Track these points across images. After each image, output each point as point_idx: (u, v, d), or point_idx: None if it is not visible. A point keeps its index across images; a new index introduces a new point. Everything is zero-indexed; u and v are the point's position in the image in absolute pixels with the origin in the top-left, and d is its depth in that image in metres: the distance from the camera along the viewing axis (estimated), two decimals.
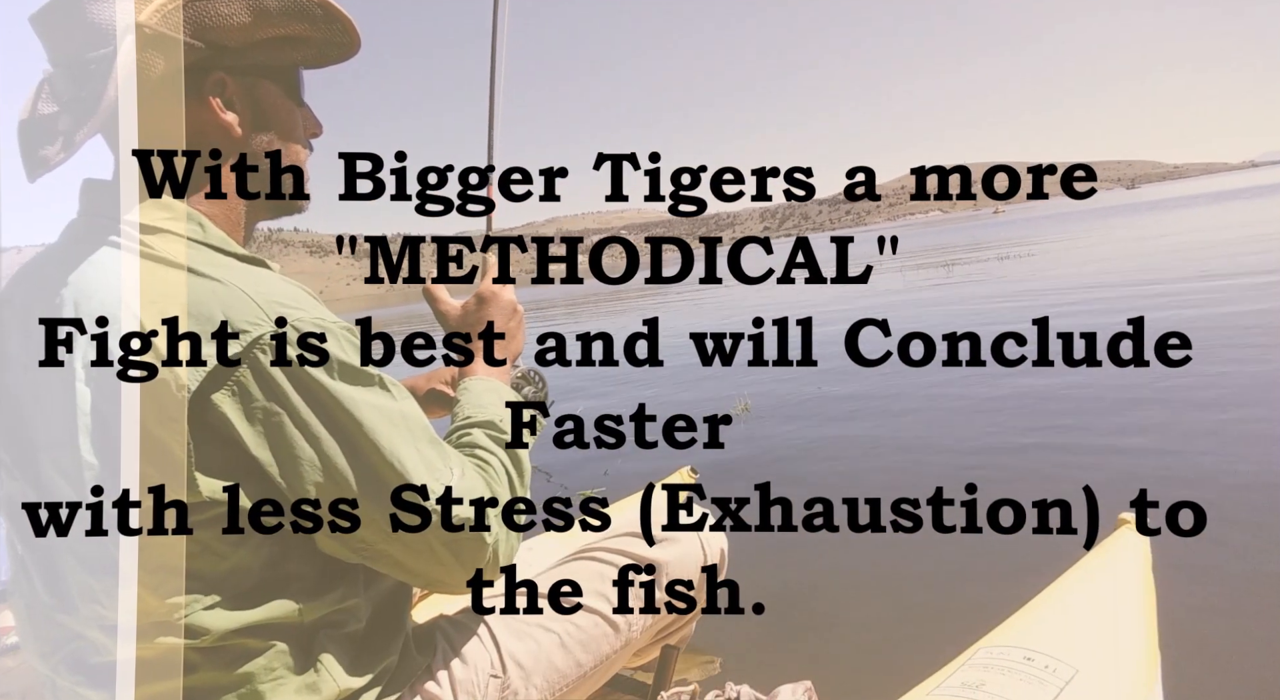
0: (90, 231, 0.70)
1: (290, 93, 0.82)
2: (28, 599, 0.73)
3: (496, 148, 1.12)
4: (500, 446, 0.84)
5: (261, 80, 0.78)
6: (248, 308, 0.65)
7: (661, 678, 1.18)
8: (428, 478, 0.71)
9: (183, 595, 0.65)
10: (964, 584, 1.99)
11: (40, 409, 0.67)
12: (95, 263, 0.67)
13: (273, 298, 0.67)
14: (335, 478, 0.68)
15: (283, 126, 0.81)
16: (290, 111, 0.82)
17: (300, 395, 0.66)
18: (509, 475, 0.82)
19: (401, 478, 0.69)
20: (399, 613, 0.84)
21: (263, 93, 0.79)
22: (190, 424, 0.63)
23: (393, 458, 0.69)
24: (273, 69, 0.79)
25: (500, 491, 0.79)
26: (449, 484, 0.72)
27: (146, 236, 0.67)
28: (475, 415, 0.87)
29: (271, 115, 0.80)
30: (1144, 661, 1.04)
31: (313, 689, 0.71)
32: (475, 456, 0.81)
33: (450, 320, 1.00)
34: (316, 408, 0.67)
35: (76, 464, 0.64)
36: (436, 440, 0.76)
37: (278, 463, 0.66)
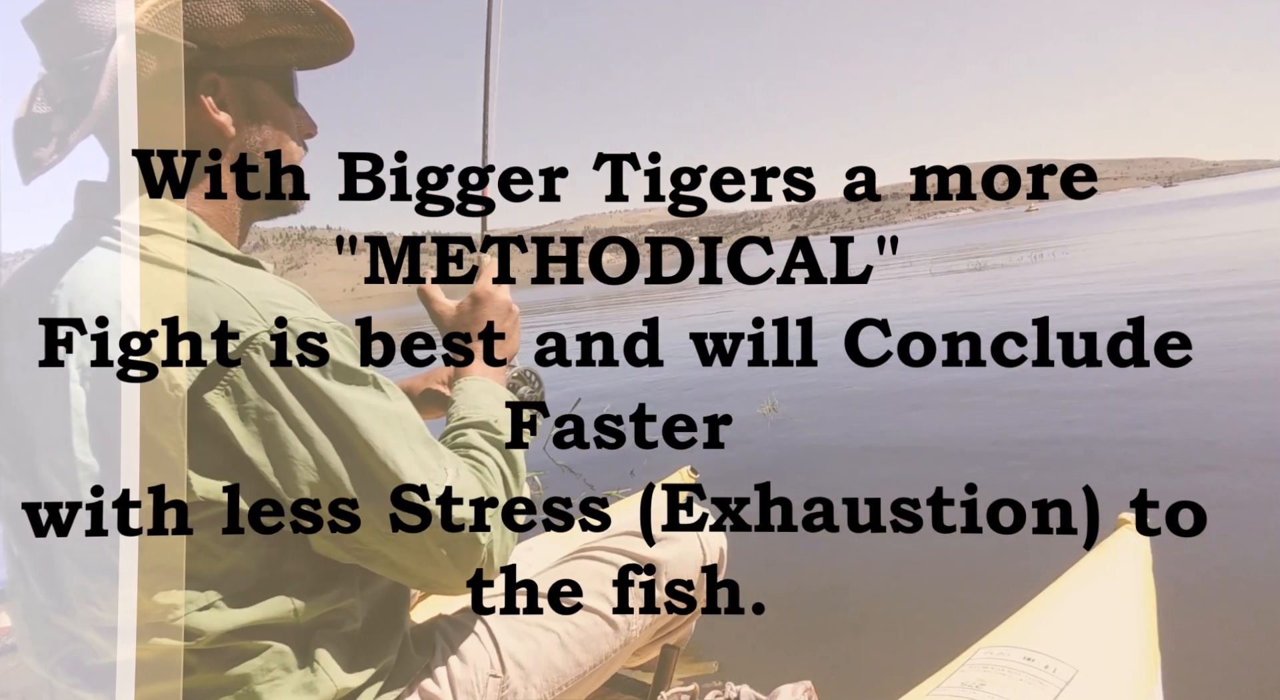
0: (85, 233, 0.70)
1: (284, 93, 0.82)
2: (25, 601, 0.73)
3: (493, 147, 1.11)
4: (496, 447, 0.84)
5: (255, 80, 0.78)
6: (242, 308, 0.65)
7: (661, 677, 1.18)
8: (423, 478, 0.71)
9: (180, 596, 0.65)
10: (964, 584, 1.99)
11: (37, 410, 0.67)
12: (90, 263, 0.68)
13: (266, 298, 0.67)
14: (329, 478, 0.67)
15: (276, 126, 0.81)
16: (284, 111, 0.82)
17: (294, 395, 0.66)
18: (504, 475, 0.82)
19: (396, 478, 0.69)
20: (396, 612, 0.84)
21: (256, 93, 0.79)
22: (186, 427, 0.63)
23: (386, 458, 0.69)
24: (266, 69, 0.79)
25: (496, 492, 0.79)
26: (444, 484, 0.72)
27: (141, 237, 0.68)
28: (470, 416, 0.86)
29: (265, 115, 0.80)
30: (1144, 661, 1.04)
31: (309, 689, 0.71)
32: (470, 457, 0.81)
33: (445, 321, 1.00)
34: (310, 407, 0.67)
35: (72, 465, 0.64)
36: (431, 440, 0.76)
37: (271, 463, 0.66)
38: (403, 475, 0.69)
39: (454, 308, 1.00)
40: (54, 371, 0.65)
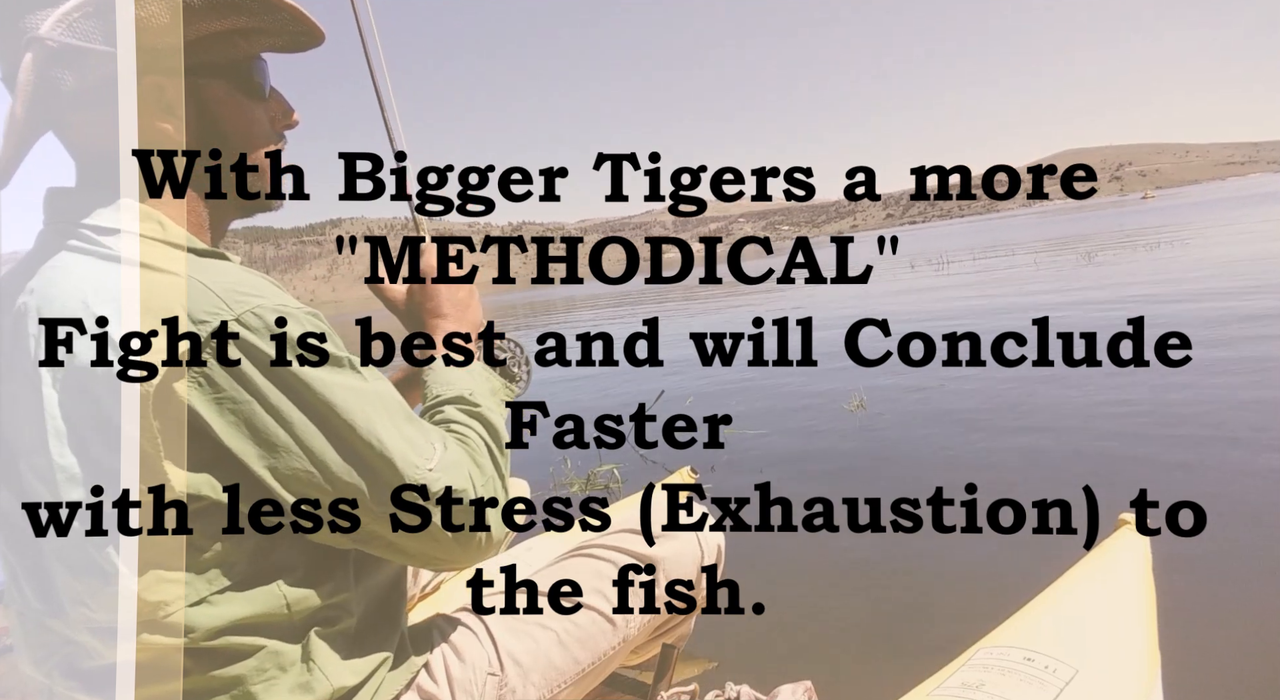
0: (52, 237, 0.70)
1: (245, 88, 0.79)
2: (20, 607, 0.72)
3: (399, 136, 1.06)
4: (475, 418, 0.83)
5: (207, 79, 0.76)
6: (206, 298, 0.64)
7: (661, 676, 1.18)
8: (411, 455, 0.70)
9: (170, 592, 0.65)
10: (964, 584, 1.99)
11: (16, 416, 0.67)
12: (54, 267, 0.68)
13: (232, 287, 0.66)
14: (314, 462, 0.67)
15: (235, 124, 0.79)
16: (243, 108, 0.79)
17: (268, 381, 0.65)
18: (487, 445, 0.81)
19: (383, 457, 0.68)
20: (393, 610, 0.83)
21: (208, 92, 0.76)
22: (158, 419, 0.62)
23: (371, 437, 0.68)
24: (219, 66, 0.76)
25: (483, 462, 0.78)
26: (433, 460, 0.71)
27: (106, 238, 0.67)
28: (444, 392, 0.86)
29: (220, 114, 0.77)
30: (1144, 662, 1.04)
31: (305, 688, 0.71)
32: (453, 431, 0.80)
33: (400, 309, 0.99)
34: (287, 392, 0.66)
35: (50, 467, 0.64)
36: (414, 418, 0.75)
37: (252, 451, 0.65)
38: (390, 454, 0.69)
39: (404, 292, 1.00)
40: (29, 376, 0.65)
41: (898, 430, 3.55)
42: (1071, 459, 2.81)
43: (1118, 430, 3.05)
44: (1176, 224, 19.13)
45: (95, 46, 0.67)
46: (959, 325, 6.36)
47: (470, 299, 0.99)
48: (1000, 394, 3.92)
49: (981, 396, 3.93)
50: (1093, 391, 3.69)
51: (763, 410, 4.33)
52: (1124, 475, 2.55)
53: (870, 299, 10.10)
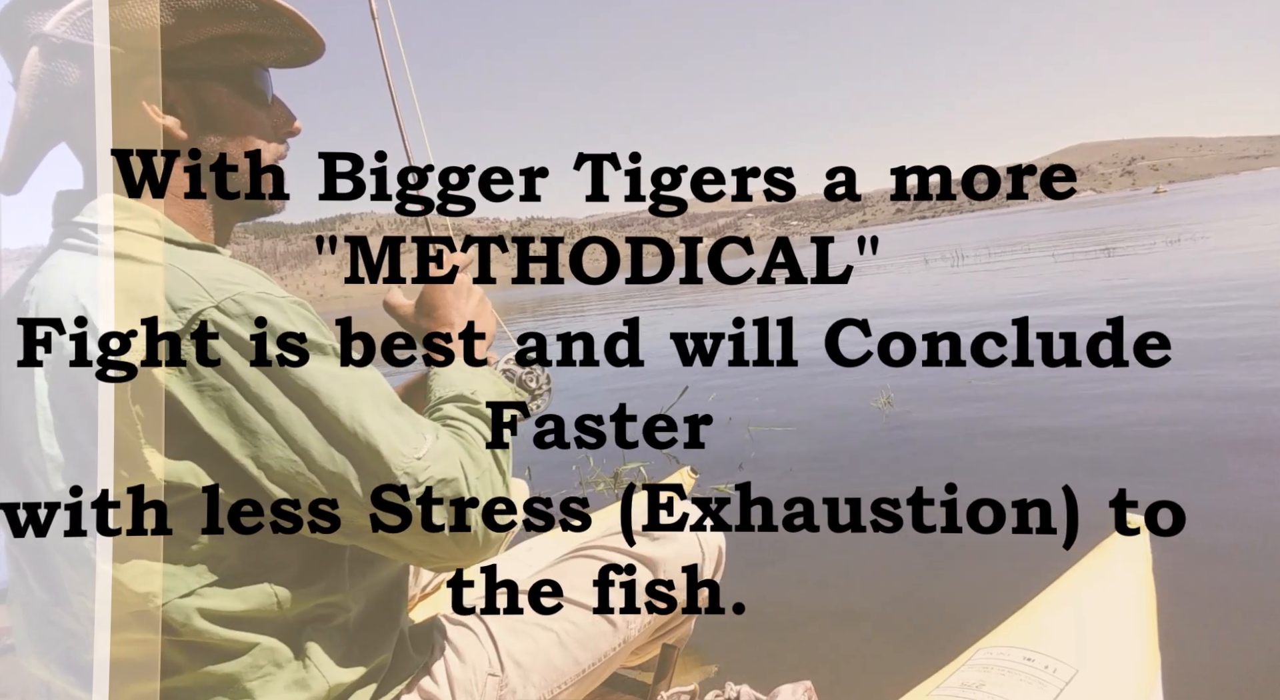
0: (56, 239, 0.72)
1: (246, 93, 0.80)
2: (24, 599, 0.73)
3: (415, 147, 1.08)
4: (474, 414, 0.81)
5: (208, 82, 0.76)
6: (187, 286, 0.64)
7: (661, 676, 1.18)
8: (398, 442, 0.69)
9: (158, 583, 0.64)
10: (964, 584, 1.99)
11: (17, 412, 0.68)
12: (52, 265, 0.69)
13: (215, 276, 0.66)
14: (296, 450, 0.66)
15: (235, 128, 0.79)
16: (244, 111, 0.80)
17: (249, 368, 0.65)
18: (485, 440, 0.79)
19: (368, 445, 0.67)
20: (392, 609, 0.83)
21: (210, 95, 0.77)
22: (138, 403, 0.62)
23: (355, 425, 0.67)
24: (220, 70, 0.77)
25: (478, 455, 0.76)
26: (421, 449, 0.70)
27: (101, 235, 0.68)
28: (445, 392, 0.84)
29: (220, 117, 0.78)
30: (1144, 662, 1.04)
31: (302, 685, 0.71)
32: (448, 425, 0.79)
33: (410, 323, 0.98)
34: (268, 379, 0.65)
35: (42, 458, 0.65)
36: (404, 408, 0.74)
37: (233, 440, 0.64)
38: (374, 441, 0.67)
39: (412, 305, 0.98)
40: (28, 372, 0.65)
41: (920, 429, 3.53)
42: (1076, 462, 2.81)
43: (1126, 431, 3.05)
44: (1190, 219, 18.44)
45: (98, 44, 0.68)
46: (969, 321, 6.30)
47: (482, 306, 0.98)
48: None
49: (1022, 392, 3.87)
50: (1097, 384, 3.69)
51: (787, 407, 4.30)
52: (1108, 479, 2.55)
53: (898, 296, 9.88)
